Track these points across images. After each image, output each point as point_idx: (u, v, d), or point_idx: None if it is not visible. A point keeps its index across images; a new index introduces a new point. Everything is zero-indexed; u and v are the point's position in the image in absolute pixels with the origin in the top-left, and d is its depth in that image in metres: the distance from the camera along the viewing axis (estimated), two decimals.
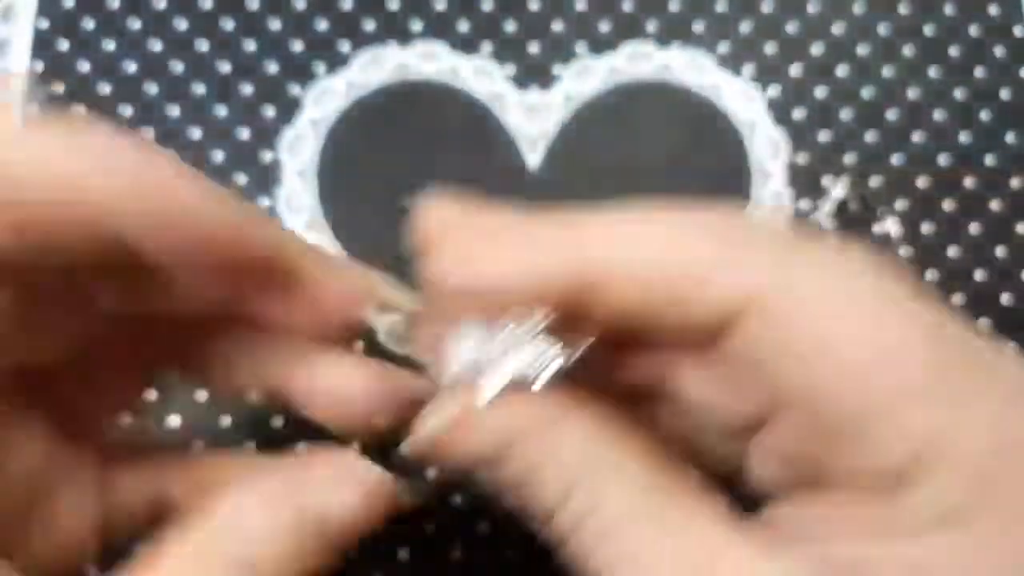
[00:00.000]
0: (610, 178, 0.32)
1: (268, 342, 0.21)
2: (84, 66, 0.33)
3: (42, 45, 0.33)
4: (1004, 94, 0.33)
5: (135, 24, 0.34)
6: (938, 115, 0.33)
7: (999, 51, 0.33)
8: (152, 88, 0.33)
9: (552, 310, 0.18)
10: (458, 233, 0.19)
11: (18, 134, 0.19)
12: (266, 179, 0.32)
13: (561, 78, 0.33)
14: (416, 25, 0.34)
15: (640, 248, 0.18)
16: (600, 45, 0.34)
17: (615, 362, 0.20)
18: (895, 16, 0.34)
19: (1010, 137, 0.33)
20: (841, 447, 0.17)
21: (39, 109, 0.31)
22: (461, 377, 0.18)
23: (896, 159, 0.33)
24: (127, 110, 0.33)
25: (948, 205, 0.32)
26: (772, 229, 0.20)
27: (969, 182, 0.32)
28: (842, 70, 0.33)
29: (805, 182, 0.32)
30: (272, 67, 0.33)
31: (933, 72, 0.33)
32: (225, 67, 0.33)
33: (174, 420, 0.29)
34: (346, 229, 0.32)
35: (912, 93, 0.33)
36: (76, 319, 0.21)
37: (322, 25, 0.34)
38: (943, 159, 0.33)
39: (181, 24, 0.34)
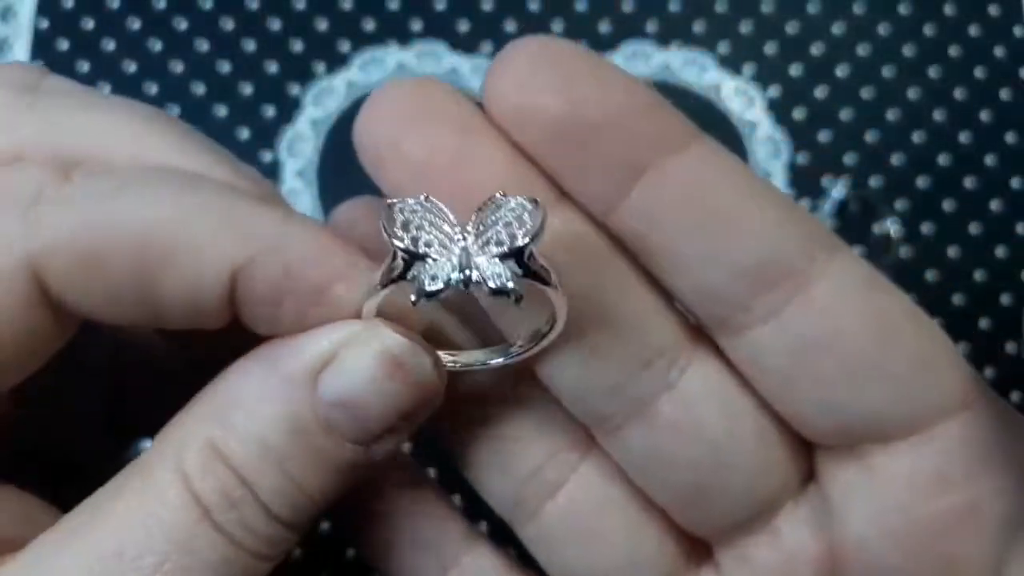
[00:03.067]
0: None
1: None
2: (84, 66, 0.33)
3: (42, 45, 0.33)
4: (1004, 94, 0.33)
5: (135, 24, 0.34)
6: (938, 115, 0.33)
7: (999, 51, 0.33)
8: (152, 88, 0.33)
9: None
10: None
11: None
12: (266, 179, 0.32)
13: None
14: (416, 25, 0.34)
15: None
16: (600, 45, 0.33)
17: None
18: (895, 16, 0.34)
19: (1010, 137, 0.33)
20: None
21: None
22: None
23: (896, 159, 0.33)
24: None
25: (948, 205, 0.32)
26: None
27: (969, 182, 0.32)
28: (842, 70, 0.33)
29: (805, 182, 0.32)
30: (272, 67, 0.33)
31: (933, 72, 0.33)
32: (225, 67, 0.33)
33: None
34: None
35: (912, 93, 0.33)
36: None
37: (322, 25, 0.34)
38: (943, 159, 0.33)
39: (181, 24, 0.34)
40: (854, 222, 0.32)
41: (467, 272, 0.15)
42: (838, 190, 0.32)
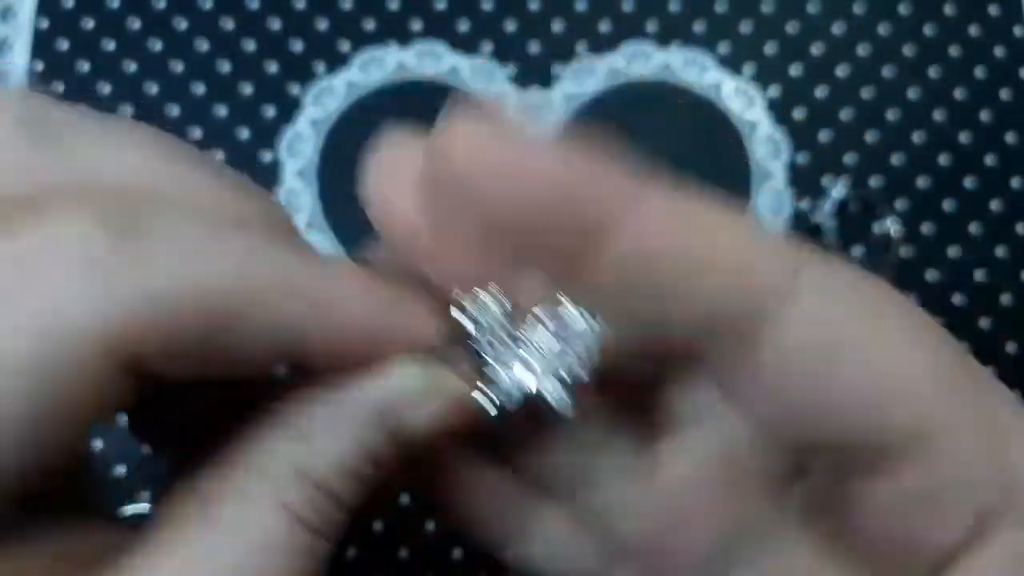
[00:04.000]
0: None
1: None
2: (84, 66, 0.33)
3: (42, 45, 0.33)
4: (1004, 94, 0.33)
5: (135, 24, 0.34)
6: (938, 115, 0.33)
7: (999, 51, 0.33)
8: (152, 88, 0.33)
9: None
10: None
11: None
12: (266, 179, 0.32)
13: (561, 78, 0.33)
14: (416, 25, 0.34)
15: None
16: (600, 45, 0.34)
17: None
18: (895, 16, 0.34)
19: (1010, 137, 0.33)
20: None
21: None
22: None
23: (896, 159, 0.33)
24: (127, 110, 0.33)
25: (948, 205, 0.32)
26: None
27: (969, 182, 0.32)
28: (842, 70, 0.33)
29: (805, 182, 0.33)
30: (272, 67, 0.33)
31: (933, 72, 0.33)
32: (225, 67, 0.33)
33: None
34: (346, 229, 0.32)
35: (912, 93, 0.33)
36: None
37: (322, 25, 0.34)
38: (943, 159, 0.33)
39: (181, 24, 0.34)
40: (854, 222, 0.32)
41: (527, 394, 0.17)
42: (838, 190, 0.32)
